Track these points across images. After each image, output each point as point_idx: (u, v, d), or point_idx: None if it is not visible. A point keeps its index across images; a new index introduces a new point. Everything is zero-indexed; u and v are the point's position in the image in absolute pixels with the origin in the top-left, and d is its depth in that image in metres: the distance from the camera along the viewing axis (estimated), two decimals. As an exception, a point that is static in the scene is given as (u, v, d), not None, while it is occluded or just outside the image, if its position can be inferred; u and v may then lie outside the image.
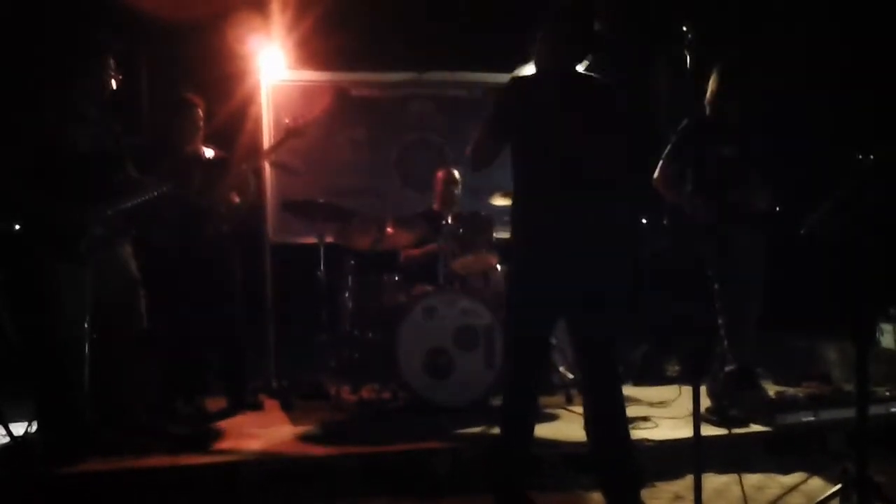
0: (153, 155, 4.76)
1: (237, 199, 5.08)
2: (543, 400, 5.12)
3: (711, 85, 4.62)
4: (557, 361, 5.45)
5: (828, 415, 4.43)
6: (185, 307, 4.81)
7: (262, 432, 4.49)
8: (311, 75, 6.40)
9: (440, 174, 5.98)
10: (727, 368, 4.54)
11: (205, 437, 4.18)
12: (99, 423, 4.04)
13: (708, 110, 4.64)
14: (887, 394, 4.88)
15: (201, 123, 5.04)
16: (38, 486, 3.68)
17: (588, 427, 3.46)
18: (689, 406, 3.20)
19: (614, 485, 3.41)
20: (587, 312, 3.38)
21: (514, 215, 3.47)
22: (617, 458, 3.39)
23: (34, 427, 4.08)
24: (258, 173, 5.37)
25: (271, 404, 5.25)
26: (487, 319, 5.00)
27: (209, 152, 5.07)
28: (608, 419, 3.44)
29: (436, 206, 5.95)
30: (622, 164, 3.42)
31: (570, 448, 4.09)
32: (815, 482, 3.82)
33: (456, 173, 5.96)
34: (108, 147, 4.11)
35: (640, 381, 5.83)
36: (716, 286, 4.56)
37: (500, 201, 5.78)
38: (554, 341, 5.36)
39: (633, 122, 3.49)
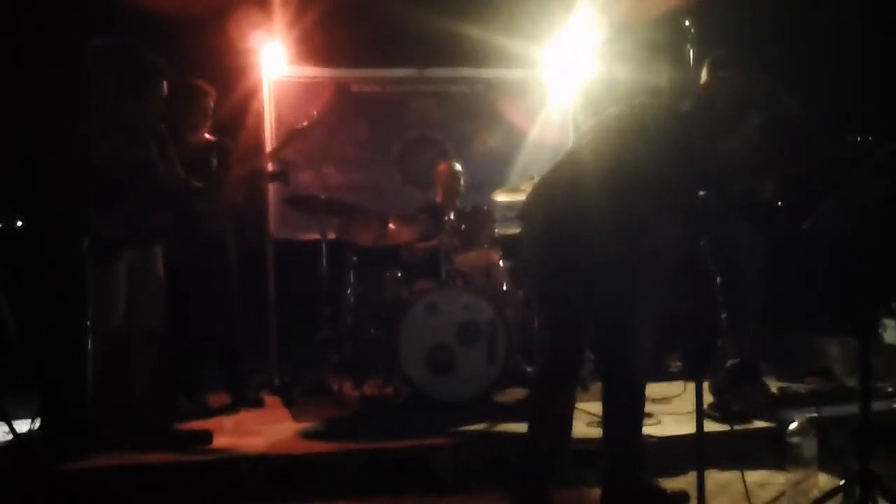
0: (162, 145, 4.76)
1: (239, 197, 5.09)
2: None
3: (703, 78, 4.61)
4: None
5: (830, 410, 4.42)
6: (183, 303, 4.80)
7: (264, 429, 4.49)
8: (312, 71, 6.40)
9: (442, 167, 5.98)
10: (729, 364, 4.54)
11: (203, 435, 4.18)
12: (103, 420, 4.04)
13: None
14: (890, 389, 4.88)
15: (209, 112, 5.03)
16: (42, 483, 3.69)
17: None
18: (692, 402, 3.20)
19: (604, 482, 3.46)
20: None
21: None
22: (608, 456, 3.44)
23: (37, 424, 4.08)
24: (261, 175, 5.36)
25: (273, 401, 5.25)
26: (489, 315, 5.00)
27: (212, 143, 5.06)
28: (605, 416, 3.48)
29: (438, 199, 5.95)
30: None
31: (575, 444, 4.08)
32: (819, 478, 3.81)
33: (458, 167, 5.96)
34: (141, 156, 4.11)
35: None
36: (718, 280, 4.56)
37: (502, 197, 5.78)
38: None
39: None
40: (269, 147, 5.99)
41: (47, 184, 4.01)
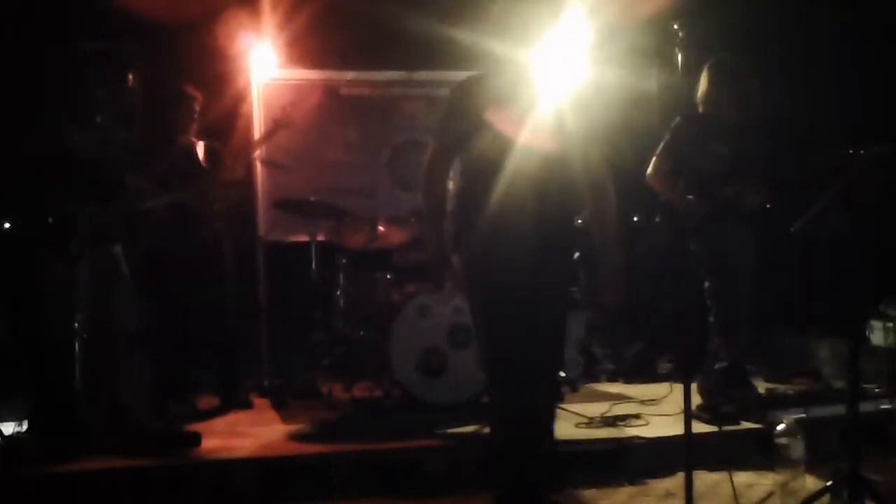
0: (147, 151, 4.77)
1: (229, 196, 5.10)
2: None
3: (703, 83, 4.64)
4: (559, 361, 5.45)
5: (818, 412, 4.44)
6: (177, 306, 4.81)
7: (254, 431, 4.49)
8: (301, 74, 6.39)
9: None
10: (718, 366, 4.56)
11: (193, 437, 4.17)
12: (91, 422, 4.03)
13: (700, 108, 4.66)
14: (877, 390, 4.91)
15: (195, 116, 5.05)
16: (30, 486, 3.68)
17: None
18: (681, 403, 3.21)
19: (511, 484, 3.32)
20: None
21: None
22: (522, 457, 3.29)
23: (24, 427, 4.07)
24: (249, 169, 5.38)
25: (262, 403, 5.24)
26: (480, 318, 5.00)
27: (200, 146, 5.07)
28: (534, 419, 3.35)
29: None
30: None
31: (564, 446, 4.08)
32: (806, 479, 3.83)
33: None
34: (109, 153, 4.11)
35: (631, 379, 5.84)
36: (707, 283, 4.58)
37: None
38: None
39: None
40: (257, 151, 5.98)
41: (28, 183, 4.00)
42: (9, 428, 4.07)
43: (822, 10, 6.16)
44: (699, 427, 4.18)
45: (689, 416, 3.15)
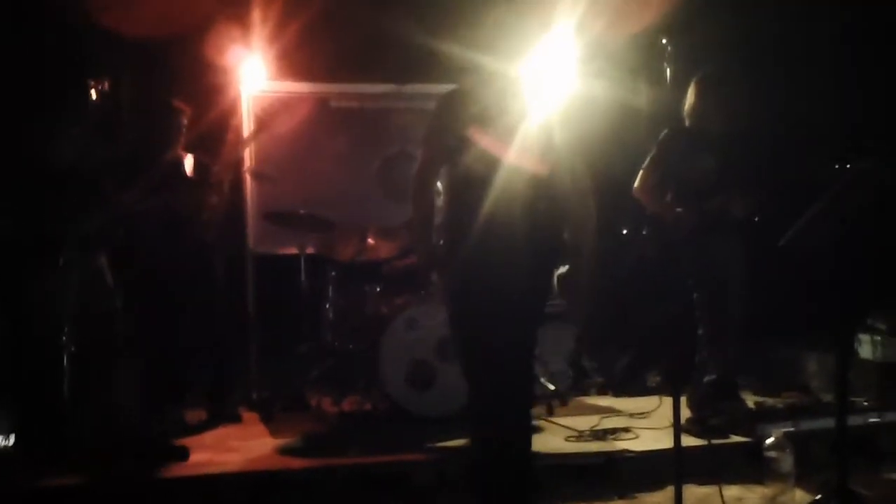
0: (135, 164, 4.76)
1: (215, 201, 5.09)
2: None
3: (690, 96, 4.66)
4: (538, 372, 5.44)
5: (807, 425, 4.45)
6: (166, 316, 4.79)
7: (243, 445, 4.47)
8: (291, 86, 6.38)
9: None
10: (707, 378, 4.56)
11: (180, 451, 4.15)
12: (79, 433, 4.01)
13: (687, 121, 4.68)
14: (865, 404, 4.92)
15: (184, 129, 5.04)
16: (16, 500, 3.65)
17: None
18: (670, 416, 3.22)
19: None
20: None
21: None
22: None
23: (12, 440, 4.04)
24: (237, 173, 5.36)
25: (251, 416, 5.21)
26: (469, 330, 4.99)
27: (189, 159, 5.07)
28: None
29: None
30: None
31: (553, 459, 4.09)
32: (796, 492, 3.84)
33: (438, 184, 5.95)
34: (91, 164, 4.11)
35: (620, 392, 5.84)
36: (696, 295, 4.59)
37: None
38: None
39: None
40: (246, 163, 5.97)
41: (15, 192, 4.01)
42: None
43: (822, 10, 6.19)
44: (688, 440, 4.18)
45: (678, 429, 3.15)
